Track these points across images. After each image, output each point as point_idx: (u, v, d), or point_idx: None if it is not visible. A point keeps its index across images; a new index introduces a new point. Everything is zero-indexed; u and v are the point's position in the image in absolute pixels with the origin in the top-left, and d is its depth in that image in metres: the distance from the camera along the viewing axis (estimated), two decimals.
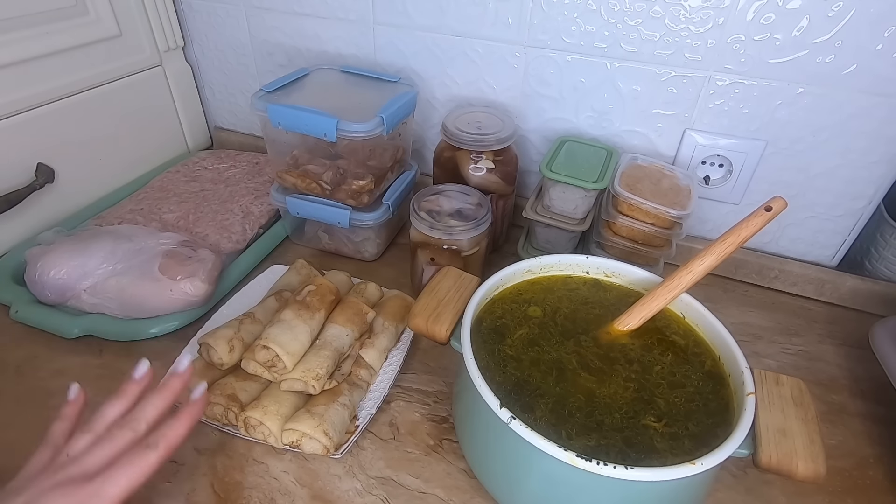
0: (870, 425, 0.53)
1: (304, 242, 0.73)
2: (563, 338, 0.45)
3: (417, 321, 0.44)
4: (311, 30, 0.75)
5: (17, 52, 0.62)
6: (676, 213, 0.56)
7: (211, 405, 0.47)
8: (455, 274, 0.49)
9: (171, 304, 0.56)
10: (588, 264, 0.51)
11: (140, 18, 0.75)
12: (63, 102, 0.69)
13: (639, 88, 0.64)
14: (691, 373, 0.43)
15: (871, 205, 0.64)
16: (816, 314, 0.66)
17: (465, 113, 0.66)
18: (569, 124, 0.70)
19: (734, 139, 0.64)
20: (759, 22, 0.56)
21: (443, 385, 0.54)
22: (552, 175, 0.59)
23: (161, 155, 0.85)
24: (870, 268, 0.69)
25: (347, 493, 0.45)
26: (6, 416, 0.49)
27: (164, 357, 0.53)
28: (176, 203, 0.71)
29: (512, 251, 0.71)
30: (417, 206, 0.58)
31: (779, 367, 0.59)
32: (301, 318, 0.51)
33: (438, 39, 0.69)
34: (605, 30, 0.61)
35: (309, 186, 0.64)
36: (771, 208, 0.41)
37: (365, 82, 0.68)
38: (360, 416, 0.49)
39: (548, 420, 0.39)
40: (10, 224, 0.65)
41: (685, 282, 0.44)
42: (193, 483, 0.45)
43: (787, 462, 0.36)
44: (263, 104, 0.59)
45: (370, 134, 0.58)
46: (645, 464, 0.34)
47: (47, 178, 0.67)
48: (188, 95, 0.87)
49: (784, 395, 0.40)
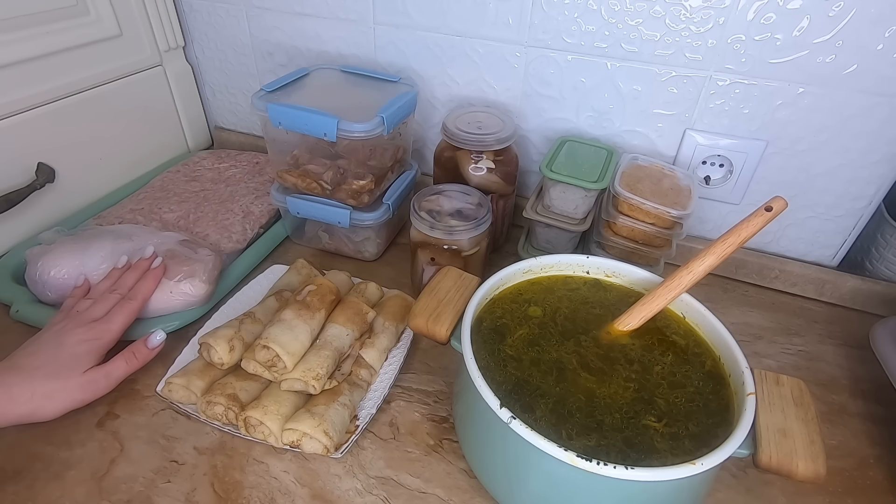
0: (870, 425, 0.53)
1: (305, 242, 0.73)
2: (563, 338, 0.45)
3: (418, 321, 0.44)
4: (312, 30, 0.75)
5: (18, 52, 0.62)
6: (677, 213, 0.56)
7: (211, 405, 0.47)
8: (455, 274, 0.49)
9: (171, 303, 0.56)
10: (588, 264, 0.51)
11: (140, 18, 0.76)
12: (63, 102, 0.69)
13: (639, 88, 0.64)
14: (691, 373, 0.43)
15: (871, 205, 0.64)
16: (817, 314, 0.66)
17: (466, 113, 0.66)
18: (569, 124, 0.70)
19: (735, 139, 0.64)
20: (759, 22, 0.56)
21: (443, 385, 0.54)
22: (552, 175, 0.59)
23: (161, 154, 0.85)
24: (870, 268, 0.69)
25: (347, 493, 0.45)
26: None
27: (165, 357, 0.53)
28: (176, 203, 0.71)
29: (512, 251, 0.71)
30: (418, 205, 0.58)
31: (779, 367, 0.59)
32: (301, 317, 0.51)
33: (439, 39, 0.69)
34: (605, 30, 0.61)
35: (309, 186, 0.64)
36: (771, 208, 0.41)
37: (365, 82, 0.68)
38: (361, 415, 0.49)
39: (548, 420, 0.39)
40: (11, 224, 0.65)
41: (685, 282, 0.44)
42: (194, 483, 0.45)
43: (787, 462, 0.36)
44: (264, 104, 0.59)
45: (370, 134, 0.58)
46: (645, 464, 0.34)
47: (48, 177, 0.67)
48: (188, 95, 0.87)
49: (784, 395, 0.40)
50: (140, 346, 0.50)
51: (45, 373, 0.44)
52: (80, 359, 0.46)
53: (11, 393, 0.43)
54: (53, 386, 0.44)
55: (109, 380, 0.47)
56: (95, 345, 0.48)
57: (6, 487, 0.44)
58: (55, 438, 0.47)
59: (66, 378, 0.45)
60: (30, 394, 0.43)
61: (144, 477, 0.45)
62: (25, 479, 0.44)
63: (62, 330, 0.48)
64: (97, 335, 0.48)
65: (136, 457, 0.46)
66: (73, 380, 0.45)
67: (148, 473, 0.45)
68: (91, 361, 0.47)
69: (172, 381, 0.49)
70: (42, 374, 0.44)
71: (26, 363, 0.45)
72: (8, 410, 0.42)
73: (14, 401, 0.42)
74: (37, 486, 0.44)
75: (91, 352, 0.47)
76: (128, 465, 0.46)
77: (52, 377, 0.44)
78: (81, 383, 0.45)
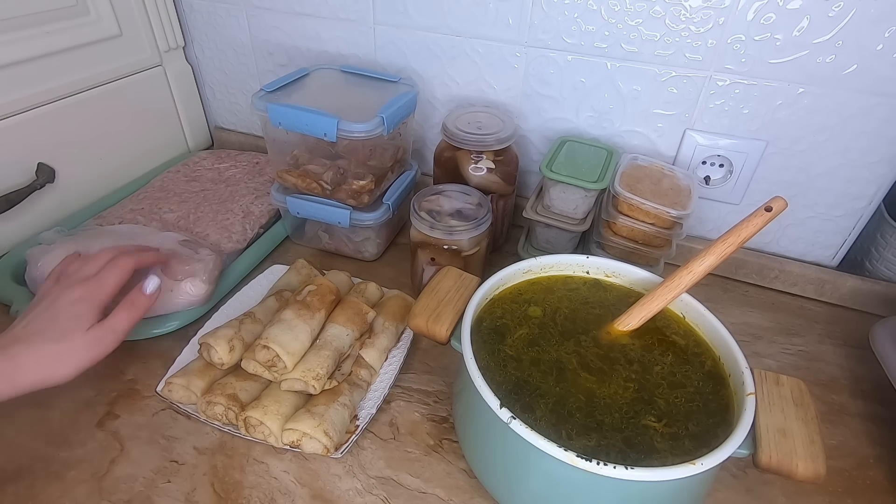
0: (870, 426, 0.53)
1: (305, 242, 0.73)
2: (563, 338, 0.45)
3: (418, 321, 0.44)
4: (312, 30, 0.75)
5: (18, 52, 0.62)
6: (677, 214, 0.56)
7: (211, 405, 0.47)
8: (455, 274, 0.49)
9: (171, 303, 0.56)
10: (588, 264, 0.51)
11: (140, 18, 0.76)
12: (63, 102, 0.69)
13: (639, 88, 0.64)
14: (691, 373, 0.43)
15: (871, 205, 0.64)
16: (817, 314, 0.66)
17: (466, 113, 0.66)
18: (569, 124, 0.70)
19: (734, 139, 0.64)
20: (759, 22, 0.56)
21: (443, 385, 0.54)
22: (552, 175, 0.59)
23: (161, 155, 0.85)
24: (870, 268, 0.69)
25: (347, 493, 0.45)
26: (6, 414, 0.49)
27: (165, 357, 0.53)
28: (176, 203, 0.71)
29: (512, 251, 0.71)
30: (418, 205, 0.58)
31: (779, 367, 0.59)
32: (301, 317, 0.51)
33: (439, 39, 0.69)
34: (605, 30, 0.61)
35: (309, 186, 0.64)
36: (771, 208, 0.41)
37: (365, 82, 0.68)
38: (361, 415, 0.49)
39: (548, 420, 0.39)
40: (11, 224, 0.65)
41: (685, 282, 0.44)
42: (194, 483, 0.45)
43: (787, 462, 0.36)
44: (264, 104, 0.59)
45: (370, 134, 0.58)
46: (645, 464, 0.34)
47: (48, 177, 0.67)
48: (188, 95, 0.87)
49: (784, 395, 0.40)
50: (137, 294, 0.49)
51: (46, 337, 0.43)
52: (79, 318, 0.45)
53: (16, 363, 0.42)
54: (58, 349, 0.43)
55: (116, 333, 0.46)
56: (92, 302, 0.46)
57: (6, 487, 0.44)
58: (55, 438, 0.47)
59: (69, 339, 0.44)
60: (35, 360, 0.42)
61: (144, 477, 0.45)
62: (25, 479, 0.44)
63: (54, 293, 0.46)
64: (91, 292, 0.47)
65: (136, 457, 0.46)
66: (77, 339, 0.44)
67: (148, 473, 0.45)
68: (91, 319, 0.45)
69: (172, 381, 0.49)
70: (44, 339, 0.43)
71: (25, 332, 0.44)
72: (18, 380, 0.42)
73: (21, 370, 0.42)
74: (37, 486, 0.44)
75: (89, 310, 0.46)
76: (128, 465, 0.46)
77: (55, 340, 0.43)
78: (87, 342, 0.44)
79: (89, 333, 0.45)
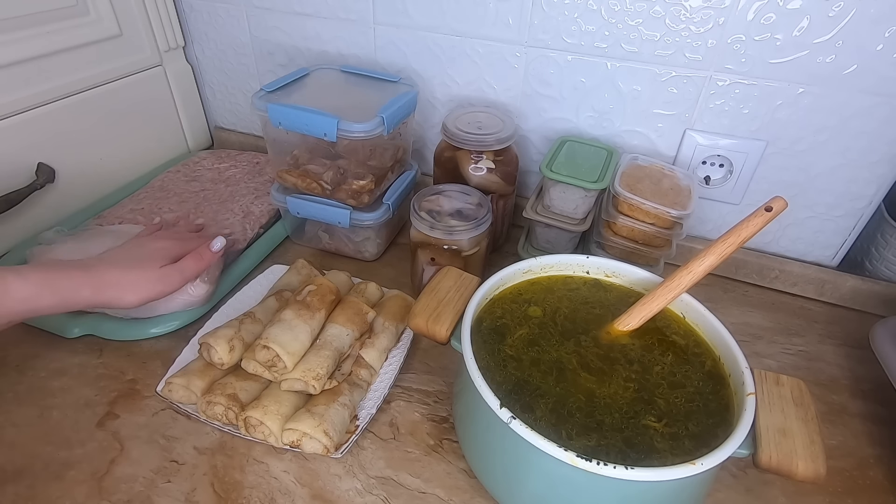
0: (870, 426, 0.53)
1: (305, 242, 0.73)
2: (563, 338, 0.45)
3: (418, 321, 0.44)
4: (312, 29, 0.75)
5: (18, 52, 0.62)
6: (677, 213, 0.56)
7: (211, 405, 0.47)
8: (455, 274, 0.49)
9: (171, 303, 0.56)
10: (588, 264, 0.51)
11: (140, 18, 0.76)
12: (63, 102, 0.69)
13: (639, 88, 0.64)
14: (691, 373, 0.43)
15: (871, 205, 0.64)
16: (817, 314, 0.66)
17: (466, 113, 0.66)
18: (569, 124, 0.70)
19: (734, 139, 0.64)
20: (759, 22, 0.56)
21: (443, 385, 0.54)
22: (552, 175, 0.59)
23: (161, 154, 0.85)
24: (870, 268, 0.69)
25: (347, 493, 0.45)
26: (6, 414, 0.49)
27: (165, 357, 0.53)
28: (176, 203, 0.71)
29: (512, 251, 0.71)
30: (418, 205, 0.58)
31: (779, 367, 0.59)
32: (301, 317, 0.51)
33: (439, 39, 0.69)
34: (605, 30, 0.61)
35: (309, 186, 0.64)
36: (771, 208, 0.41)
37: (365, 82, 0.68)
38: (361, 415, 0.49)
39: (548, 420, 0.39)
40: (11, 224, 0.65)
41: (685, 282, 0.44)
42: (194, 482, 0.45)
43: (787, 462, 0.36)
44: (264, 104, 0.59)
45: (370, 134, 0.58)
46: (645, 464, 0.34)
47: (48, 177, 0.67)
48: (188, 95, 0.87)
49: (784, 395, 0.40)
50: (205, 249, 0.56)
51: (128, 264, 0.50)
52: (156, 257, 0.52)
53: (103, 278, 0.48)
54: (137, 275, 0.50)
55: (184, 275, 0.53)
56: (171, 251, 0.54)
57: (6, 487, 0.44)
58: (55, 438, 0.47)
59: (146, 269, 0.51)
60: (117, 279, 0.49)
61: (144, 477, 0.45)
62: (25, 479, 0.44)
63: (142, 240, 0.55)
64: (174, 245, 0.55)
65: (136, 457, 0.46)
66: (150, 271, 0.51)
67: (148, 473, 0.45)
68: (166, 260, 0.53)
69: (172, 381, 0.49)
70: (126, 265, 0.50)
71: (108, 257, 0.51)
72: (100, 294, 0.48)
73: (105, 284, 0.48)
74: (37, 486, 0.44)
75: (167, 255, 0.53)
76: (128, 465, 0.46)
77: (135, 268, 0.50)
78: (159, 275, 0.51)
79: (162, 270, 0.52)
